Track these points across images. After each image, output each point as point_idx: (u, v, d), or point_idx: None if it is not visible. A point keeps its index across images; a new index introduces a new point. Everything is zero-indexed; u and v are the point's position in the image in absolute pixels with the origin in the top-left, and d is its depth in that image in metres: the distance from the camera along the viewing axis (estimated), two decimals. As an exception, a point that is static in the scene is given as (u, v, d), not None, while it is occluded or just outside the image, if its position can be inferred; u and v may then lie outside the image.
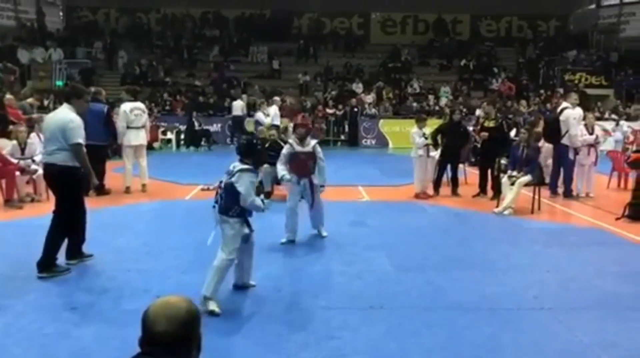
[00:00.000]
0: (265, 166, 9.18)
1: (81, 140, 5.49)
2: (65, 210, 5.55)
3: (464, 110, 17.78)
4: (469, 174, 11.29)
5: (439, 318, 4.59)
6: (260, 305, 4.74)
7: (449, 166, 10.01)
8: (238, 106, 18.69)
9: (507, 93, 21.40)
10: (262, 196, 4.86)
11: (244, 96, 20.10)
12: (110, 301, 4.80)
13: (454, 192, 9.98)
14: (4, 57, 21.75)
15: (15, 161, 8.60)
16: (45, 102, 18.35)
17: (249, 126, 17.78)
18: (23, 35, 24.42)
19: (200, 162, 14.40)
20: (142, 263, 5.88)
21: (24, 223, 7.52)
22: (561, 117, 9.71)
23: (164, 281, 5.28)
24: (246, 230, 4.81)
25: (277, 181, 9.79)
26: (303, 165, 6.70)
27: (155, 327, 1.70)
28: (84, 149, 5.58)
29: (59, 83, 20.92)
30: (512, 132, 13.98)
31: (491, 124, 9.85)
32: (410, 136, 10.10)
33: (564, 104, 10.03)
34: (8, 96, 11.20)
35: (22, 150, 8.86)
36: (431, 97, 21.25)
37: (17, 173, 8.49)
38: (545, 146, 9.91)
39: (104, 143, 9.57)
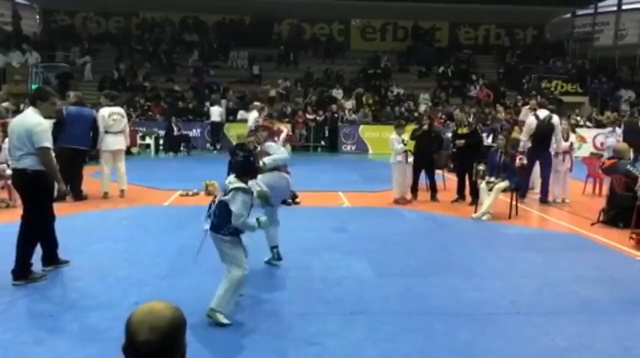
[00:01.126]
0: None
1: (48, 144, 5.33)
2: (33, 218, 5.42)
3: (443, 116, 17.97)
4: (448, 180, 11.41)
5: (418, 323, 4.62)
6: (237, 311, 4.71)
7: (424, 173, 10.12)
8: (216, 112, 18.63)
9: (485, 100, 21.67)
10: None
11: (223, 101, 20.04)
12: (88, 309, 4.73)
13: (433, 198, 10.07)
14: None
15: (-11, 166, 8.44)
16: (22, 107, 18.05)
17: (229, 131, 17.74)
18: (-1, 38, 24.07)
19: (180, 167, 14.32)
20: (120, 269, 5.82)
21: (-2, 229, 7.37)
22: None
23: (142, 288, 5.23)
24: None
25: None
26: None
27: (138, 335, 1.66)
28: (52, 154, 5.44)
29: (35, 87, 20.60)
30: (489, 139, 14.22)
31: (464, 130, 9.98)
32: (389, 142, 10.17)
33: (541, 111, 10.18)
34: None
35: (-4, 155, 8.72)
36: (410, 103, 21.41)
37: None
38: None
39: (86, 148, 9.46)
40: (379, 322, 4.60)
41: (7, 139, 9.12)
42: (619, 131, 14.40)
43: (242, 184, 4.59)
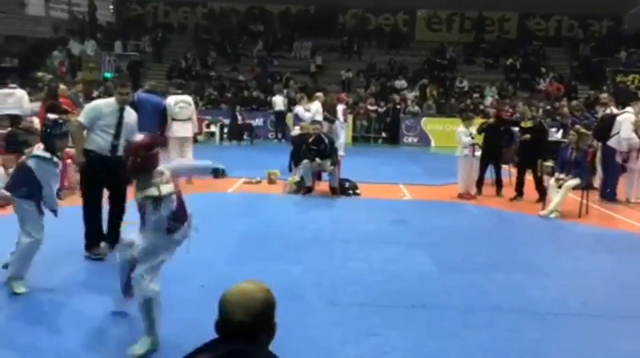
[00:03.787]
0: (305, 161, 9.24)
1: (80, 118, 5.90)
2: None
3: (510, 110, 17.41)
4: (513, 175, 11.07)
5: (481, 319, 4.53)
6: (300, 299, 4.77)
7: (491, 167, 9.88)
8: (279, 101, 18.81)
9: (554, 94, 20.88)
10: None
11: (285, 90, 20.21)
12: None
13: (498, 193, 9.82)
14: (57, 49, 22.50)
15: (66, 149, 8.84)
16: (95, 94, 18.86)
17: (289, 121, 17.91)
18: (75, 27, 25.17)
19: (243, 155, 14.54)
20: (185, 253, 5.98)
21: (71, 210, 7.72)
22: (619, 118, 9.48)
23: (207, 272, 5.36)
24: None
25: (318, 176, 9.87)
26: None
27: (234, 316, 1.75)
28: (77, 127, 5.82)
29: (108, 75, 21.46)
30: (559, 134, 13.70)
31: (528, 124, 9.66)
32: (454, 135, 9.99)
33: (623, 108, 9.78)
34: (62, 86, 11.55)
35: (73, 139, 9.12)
36: (476, 96, 20.92)
37: (69, 161, 8.74)
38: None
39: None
40: (441, 317, 4.55)
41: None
42: None
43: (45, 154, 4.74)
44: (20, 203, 4.81)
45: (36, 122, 9.74)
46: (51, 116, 9.44)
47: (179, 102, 10.02)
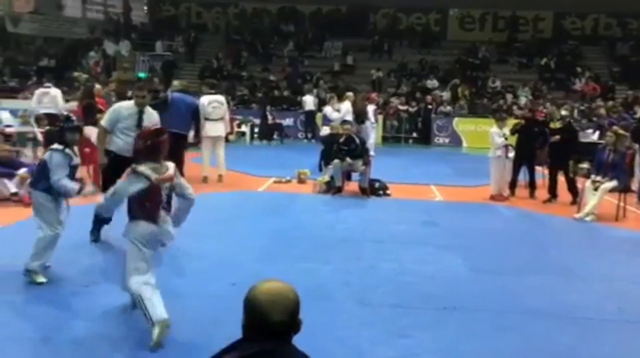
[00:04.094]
0: (336, 161, 9.23)
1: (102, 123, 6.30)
2: None
3: (543, 111, 17.09)
4: (546, 177, 10.87)
5: (514, 323, 4.46)
6: (329, 299, 4.77)
7: (525, 169, 9.71)
8: (310, 101, 18.83)
9: (590, 94, 20.42)
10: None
11: (315, 90, 20.23)
12: (190, 285, 4.97)
13: (532, 195, 9.64)
14: (93, 49, 22.98)
15: (102, 147, 9.03)
16: (129, 93, 19.20)
17: (319, 121, 17.91)
18: (110, 28, 25.67)
19: (273, 155, 14.62)
20: (217, 250, 6.06)
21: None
22: None
23: (237, 269, 5.40)
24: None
25: (348, 176, 9.85)
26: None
27: (272, 316, 1.74)
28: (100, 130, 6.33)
29: (142, 75, 21.83)
30: (595, 135, 13.42)
31: (557, 125, 9.46)
32: (487, 136, 9.85)
33: None
34: (97, 85, 11.80)
35: (108, 137, 9.30)
36: (509, 96, 20.60)
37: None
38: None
39: (186, 133, 9.87)
40: (473, 319, 4.49)
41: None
42: None
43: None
44: (36, 195, 5.02)
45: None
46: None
47: (212, 102, 10.13)
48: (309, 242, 6.52)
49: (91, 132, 9.45)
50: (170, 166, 4.17)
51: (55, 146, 5.05)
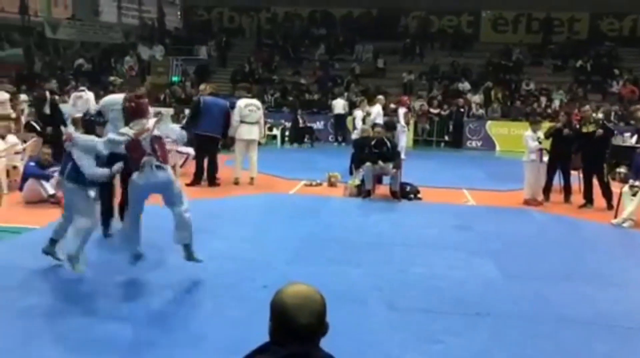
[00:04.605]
0: (367, 164, 9.23)
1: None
2: None
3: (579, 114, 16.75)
4: (582, 181, 10.65)
5: (548, 330, 4.39)
6: (360, 302, 4.77)
7: (560, 173, 9.53)
8: (339, 104, 18.85)
9: (628, 97, 19.92)
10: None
11: (346, 93, 20.24)
12: (222, 287, 5.04)
13: (567, 200, 9.45)
14: (128, 54, 23.47)
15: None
16: (162, 97, 19.55)
17: (349, 124, 17.92)
18: (145, 33, 26.17)
19: (304, 158, 14.68)
20: (248, 252, 6.12)
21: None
22: None
23: (268, 272, 5.44)
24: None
25: (379, 180, 9.83)
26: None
27: (299, 319, 1.75)
28: None
29: (175, 79, 22.18)
30: (634, 139, 13.08)
31: (590, 128, 9.25)
32: (520, 139, 9.70)
33: None
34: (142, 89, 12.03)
35: (143, 140, 9.48)
36: (543, 99, 20.25)
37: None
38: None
39: (218, 135, 10.00)
40: (506, 325, 4.44)
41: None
42: None
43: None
44: (66, 185, 5.30)
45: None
46: None
47: (249, 105, 10.25)
48: (339, 245, 6.53)
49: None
50: (151, 122, 5.11)
51: (80, 135, 5.46)
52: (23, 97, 13.82)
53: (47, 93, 10.09)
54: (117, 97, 6.46)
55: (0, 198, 6.92)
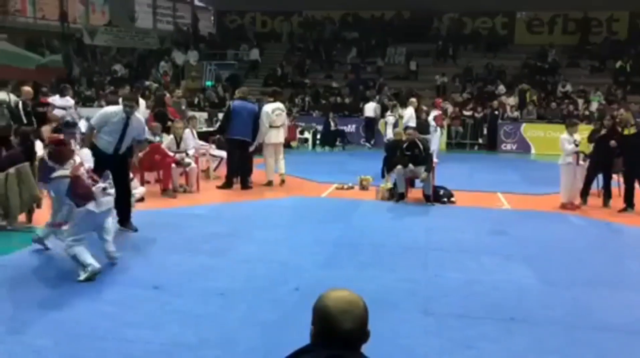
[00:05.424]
0: (398, 167, 9.17)
1: None
2: None
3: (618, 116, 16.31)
4: (622, 185, 10.38)
5: (588, 338, 4.28)
6: (394, 307, 4.73)
7: (601, 176, 9.30)
8: (370, 108, 18.80)
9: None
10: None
11: (377, 96, 20.19)
12: (254, 290, 5.06)
13: (606, 204, 9.22)
14: (162, 59, 23.89)
15: (172, 154, 9.38)
16: (196, 101, 19.82)
17: (382, 127, 17.86)
18: (179, 39, 26.59)
19: (335, 161, 14.70)
20: (280, 255, 6.14)
21: (177, 211, 8.19)
22: None
23: (301, 275, 5.45)
24: None
25: (411, 183, 9.76)
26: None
27: (343, 324, 1.76)
28: None
29: (209, 83, 22.47)
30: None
31: (632, 131, 9.00)
32: (556, 142, 9.50)
33: None
34: (167, 94, 12.25)
35: (178, 144, 9.65)
36: (580, 101, 19.80)
37: (173, 165, 9.25)
38: None
39: (248, 139, 10.08)
40: (543, 332, 4.34)
41: (187, 131, 10.07)
42: None
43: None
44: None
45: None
46: (154, 123, 10.03)
47: (276, 110, 10.35)
48: (372, 249, 6.50)
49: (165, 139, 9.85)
50: (76, 160, 5.56)
51: None
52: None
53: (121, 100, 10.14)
54: (116, 109, 6.78)
55: (40, 200, 7.09)
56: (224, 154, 10.80)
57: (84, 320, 4.30)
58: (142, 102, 10.49)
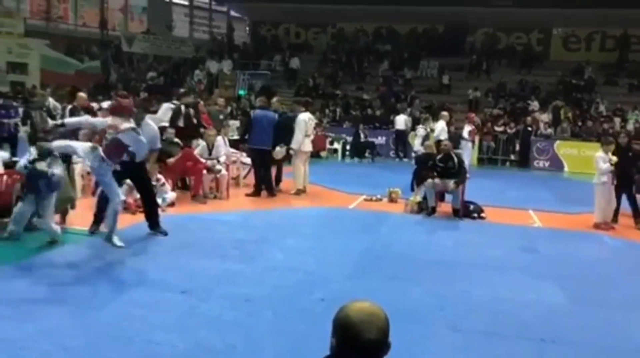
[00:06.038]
0: (429, 181, 9.09)
1: None
2: None
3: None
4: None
5: (621, 361, 4.16)
6: (420, 321, 4.68)
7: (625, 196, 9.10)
8: (401, 120, 18.73)
9: None
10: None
11: (409, 109, 20.12)
12: (281, 298, 5.07)
13: (637, 224, 8.99)
14: (197, 67, 24.27)
15: (203, 160, 9.49)
16: (229, 109, 20.02)
17: (412, 140, 17.76)
18: (214, 48, 27.00)
19: (364, 173, 14.65)
20: (307, 264, 6.14)
21: (207, 216, 8.27)
22: None
23: (327, 285, 5.44)
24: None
25: (441, 197, 9.66)
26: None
27: (366, 334, 1.75)
28: None
29: (242, 92, 22.72)
30: None
31: None
32: (591, 160, 9.31)
33: None
34: (201, 102, 12.41)
35: (210, 151, 9.76)
36: (617, 119, 19.39)
37: (205, 171, 9.36)
38: None
39: (268, 148, 10.09)
40: (575, 354, 4.24)
41: (219, 138, 10.18)
42: None
43: None
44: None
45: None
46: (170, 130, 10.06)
47: (311, 119, 10.54)
48: (399, 262, 6.45)
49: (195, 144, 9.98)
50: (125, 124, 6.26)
51: None
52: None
53: (183, 107, 10.11)
54: None
55: (74, 202, 7.24)
56: (253, 162, 10.92)
57: (114, 322, 4.37)
58: (164, 107, 10.60)
